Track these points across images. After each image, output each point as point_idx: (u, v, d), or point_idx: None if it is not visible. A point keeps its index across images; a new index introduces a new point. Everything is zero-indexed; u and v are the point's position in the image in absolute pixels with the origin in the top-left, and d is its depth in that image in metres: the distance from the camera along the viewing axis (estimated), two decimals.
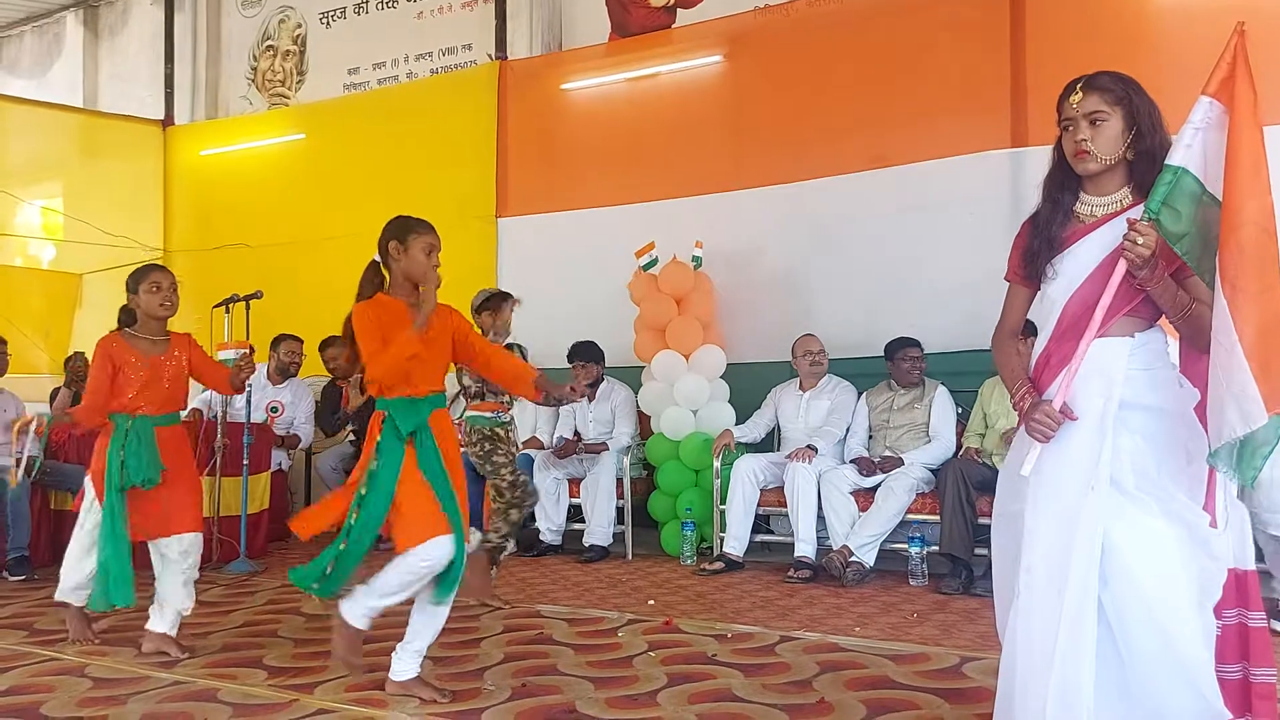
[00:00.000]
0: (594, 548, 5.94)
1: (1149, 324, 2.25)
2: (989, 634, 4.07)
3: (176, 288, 4.06)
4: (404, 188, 7.90)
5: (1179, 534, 2.14)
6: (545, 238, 7.42)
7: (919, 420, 5.58)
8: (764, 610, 4.60)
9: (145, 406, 3.95)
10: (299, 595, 5.03)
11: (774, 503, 5.62)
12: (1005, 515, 2.36)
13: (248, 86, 9.59)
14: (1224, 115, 2.08)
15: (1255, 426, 1.97)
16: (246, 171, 9.01)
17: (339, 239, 8.26)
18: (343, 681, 3.52)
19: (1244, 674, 2.26)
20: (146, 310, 4.02)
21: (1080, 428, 2.20)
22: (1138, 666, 2.13)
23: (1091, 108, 2.24)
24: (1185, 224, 2.11)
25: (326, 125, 8.67)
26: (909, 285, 6.14)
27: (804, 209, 6.55)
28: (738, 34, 6.93)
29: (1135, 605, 2.12)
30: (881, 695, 3.28)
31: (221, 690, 3.46)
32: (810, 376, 5.93)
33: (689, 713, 3.13)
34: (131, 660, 3.87)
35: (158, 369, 4.00)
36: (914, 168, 6.20)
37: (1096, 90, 2.25)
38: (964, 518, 5.02)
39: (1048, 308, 2.34)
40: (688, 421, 6.08)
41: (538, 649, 3.95)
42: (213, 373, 4.20)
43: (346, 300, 3.51)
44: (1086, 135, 2.24)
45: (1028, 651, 2.19)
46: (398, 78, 8.67)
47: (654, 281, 6.32)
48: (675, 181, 6.98)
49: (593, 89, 7.48)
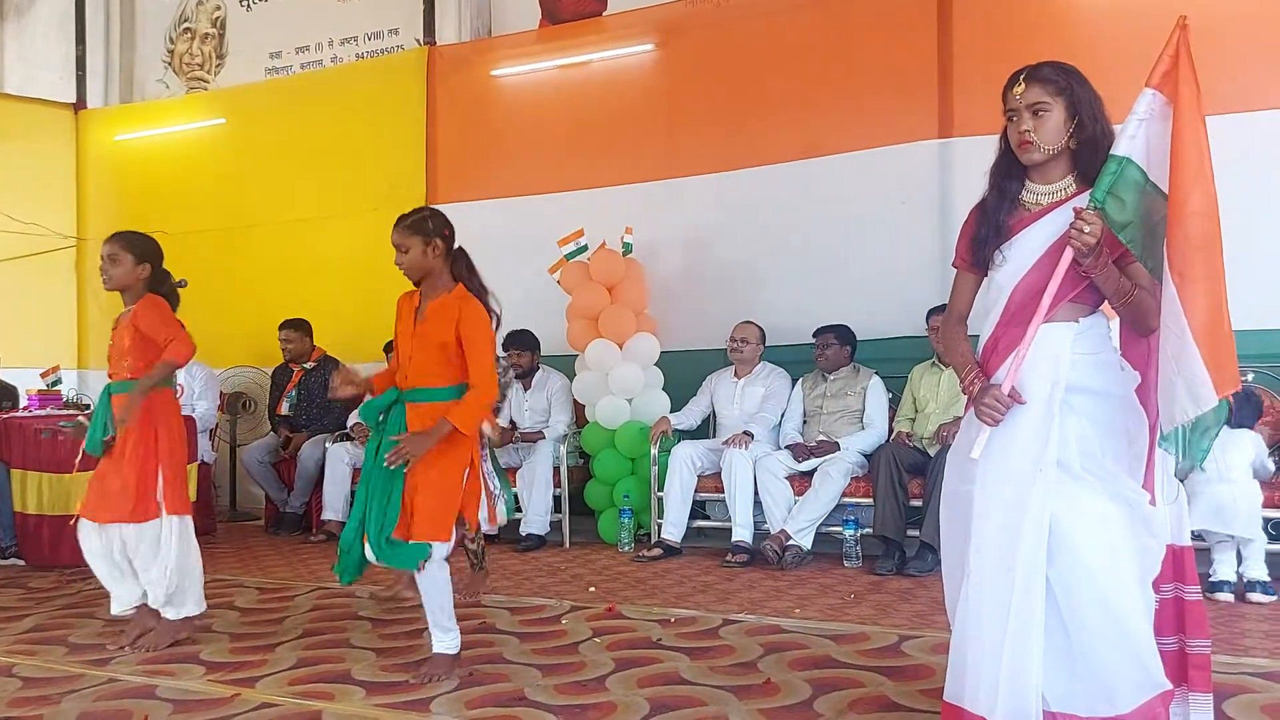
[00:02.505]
0: (531, 536, 5.93)
1: (1092, 310, 2.33)
2: (924, 612, 4.18)
3: (115, 259, 3.92)
4: (331, 174, 7.77)
5: (1122, 513, 2.23)
6: (477, 225, 7.26)
7: (853, 406, 5.67)
8: (704, 595, 4.65)
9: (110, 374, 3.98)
10: (232, 590, 4.94)
11: (711, 489, 5.67)
12: (954, 496, 2.42)
13: (164, 70, 9.30)
14: (1167, 107, 2.16)
15: (1206, 409, 2.05)
16: (164, 157, 8.74)
17: (264, 226, 8.10)
18: (285, 675, 3.48)
19: (1180, 645, 2.37)
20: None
21: (1028, 411, 2.26)
22: (1082, 639, 2.21)
23: (1034, 98, 2.30)
24: (1130, 213, 2.18)
25: (248, 110, 8.45)
26: (841, 273, 6.23)
27: (737, 197, 6.59)
28: (670, 23, 6.94)
29: (1081, 581, 2.20)
30: (825, 674, 3.34)
31: (159, 687, 3.39)
32: (742, 363, 5.99)
33: (638, 697, 3.16)
34: (62, 658, 3.76)
35: (118, 335, 3.98)
36: (844, 157, 6.28)
37: (1039, 81, 2.31)
38: (896, 500, 5.13)
39: (995, 294, 2.40)
40: (623, 410, 6.09)
41: (482, 638, 3.93)
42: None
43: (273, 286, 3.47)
44: (1029, 126, 2.30)
45: (978, 628, 2.25)
46: (322, 62, 8.48)
47: (585, 270, 6.31)
48: (608, 170, 6.98)
49: (524, 76, 7.43)
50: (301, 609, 4.53)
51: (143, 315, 3.89)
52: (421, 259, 3.43)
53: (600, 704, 3.10)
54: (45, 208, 8.71)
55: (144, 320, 3.88)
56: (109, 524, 3.88)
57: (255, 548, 6.31)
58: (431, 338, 3.40)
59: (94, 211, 9.01)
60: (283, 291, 7.66)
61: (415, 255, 3.42)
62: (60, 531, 5.57)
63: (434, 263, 3.45)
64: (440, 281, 3.48)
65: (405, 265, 3.45)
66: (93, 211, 9.02)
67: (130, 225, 4.52)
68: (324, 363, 7.02)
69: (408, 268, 3.46)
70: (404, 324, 3.51)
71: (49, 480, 5.68)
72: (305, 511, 6.79)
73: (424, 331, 3.41)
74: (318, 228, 7.72)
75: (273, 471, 6.99)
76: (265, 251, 8.03)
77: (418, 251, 3.42)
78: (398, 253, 3.45)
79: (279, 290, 7.72)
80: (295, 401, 7.03)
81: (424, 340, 3.41)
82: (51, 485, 5.68)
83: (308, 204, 7.83)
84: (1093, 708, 2.20)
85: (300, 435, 6.85)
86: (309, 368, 7.06)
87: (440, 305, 3.43)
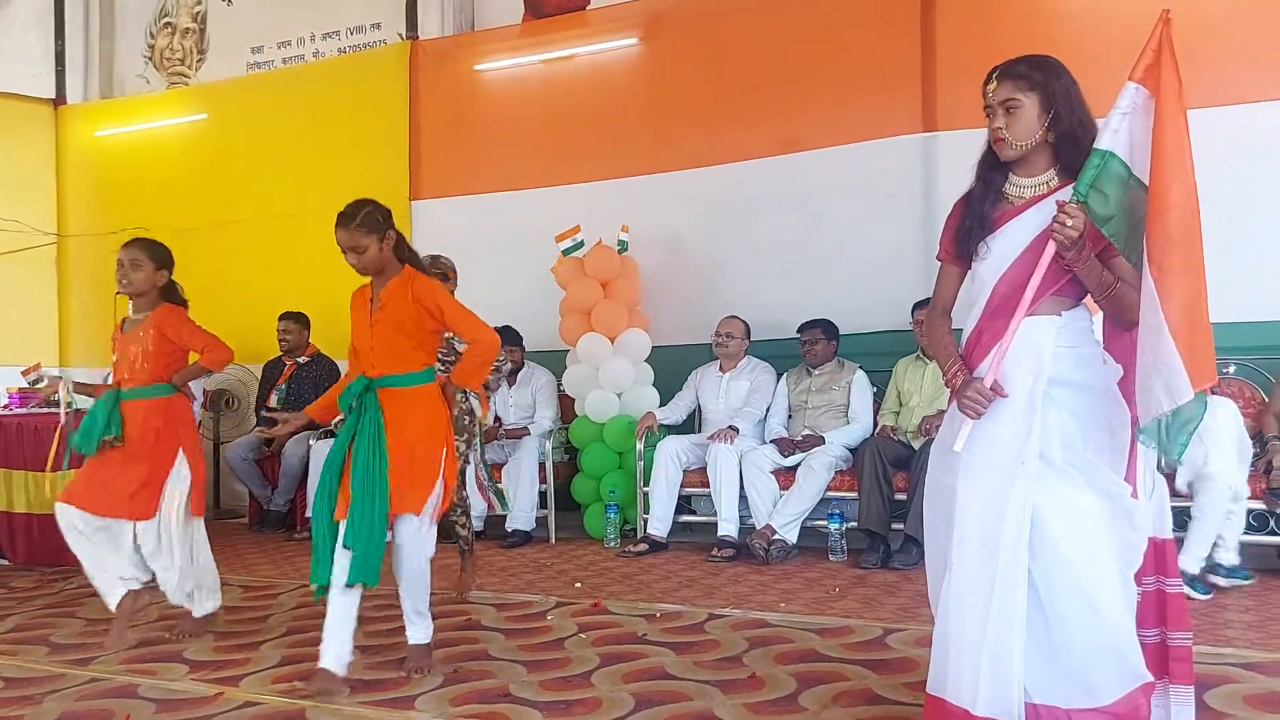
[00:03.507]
0: (517, 532, 5.92)
1: (1075, 303, 2.33)
2: (909, 606, 4.19)
3: (137, 264, 3.99)
4: (314, 170, 7.72)
5: (1104, 506, 2.23)
6: (461, 221, 7.32)
7: (837, 401, 5.68)
8: (690, 589, 4.65)
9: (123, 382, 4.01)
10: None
11: (697, 483, 5.68)
12: (937, 490, 2.42)
13: (145, 65, 9.22)
14: (1149, 101, 2.17)
15: (1182, 402, 2.06)
16: (145, 153, 8.68)
17: (245, 222, 8.06)
18: (269, 674, 3.46)
19: (1161, 638, 2.37)
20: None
21: (1011, 404, 2.27)
22: (1064, 632, 2.21)
23: (1005, 95, 2.31)
24: (1112, 207, 2.19)
25: (230, 105, 8.40)
26: (825, 267, 6.24)
27: (721, 192, 6.59)
28: (654, 16, 6.92)
29: (1063, 574, 2.20)
30: (810, 668, 3.35)
31: (142, 686, 3.37)
32: (727, 358, 6.00)
33: (623, 692, 3.15)
34: (44, 658, 3.74)
35: (124, 344, 4.03)
36: (828, 152, 6.27)
37: (1010, 78, 2.31)
38: (881, 494, 5.15)
39: (978, 287, 2.40)
40: (612, 404, 6.09)
41: (467, 635, 3.93)
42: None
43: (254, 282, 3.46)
44: (1002, 123, 2.31)
45: (960, 620, 2.26)
46: (304, 57, 8.43)
47: (580, 265, 6.30)
48: (593, 165, 6.96)
49: (507, 71, 7.40)
50: (285, 607, 4.51)
51: (171, 324, 4.02)
52: (378, 255, 3.42)
53: (585, 699, 3.10)
54: (25, 204, 8.62)
55: (173, 328, 4.01)
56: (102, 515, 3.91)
57: (239, 545, 6.28)
58: (391, 323, 3.39)
59: (74, 208, 8.94)
60: (264, 288, 7.61)
61: (373, 253, 3.41)
62: (43, 530, 5.54)
63: (388, 255, 3.45)
64: (390, 269, 3.47)
65: (362, 265, 3.43)
66: (73, 208, 8.94)
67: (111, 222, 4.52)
68: (317, 359, 7.01)
69: (364, 266, 3.43)
70: (360, 317, 3.49)
71: (32, 478, 5.64)
72: (289, 509, 6.76)
73: (383, 318, 3.40)
74: (300, 224, 7.64)
75: (256, 469, 6.96)
76: (247, 248, 7.98)
77: (374, 250, 3.41)
78: (350, 254, 3.41)
79: (261, 287, 7.68)
80: (285, 395, 7.00)
81: (385, 327, 3.40)
82: (36, 484, 5.64)
83: (290, 200, 7.77)
84: (1074, 699, 2.20)
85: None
86: (302, 362, 7.04)
87: (393, 290, 3.43)
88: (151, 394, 3.98)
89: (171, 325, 4.01)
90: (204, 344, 4.03)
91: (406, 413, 3.37)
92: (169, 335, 3.99)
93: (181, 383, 4.06)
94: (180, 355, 4.07)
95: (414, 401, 3.40)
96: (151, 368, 3.99)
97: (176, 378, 4.04)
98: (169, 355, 4.02)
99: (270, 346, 7.17)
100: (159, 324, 4.00)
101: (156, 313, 4.03)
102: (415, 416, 3.39)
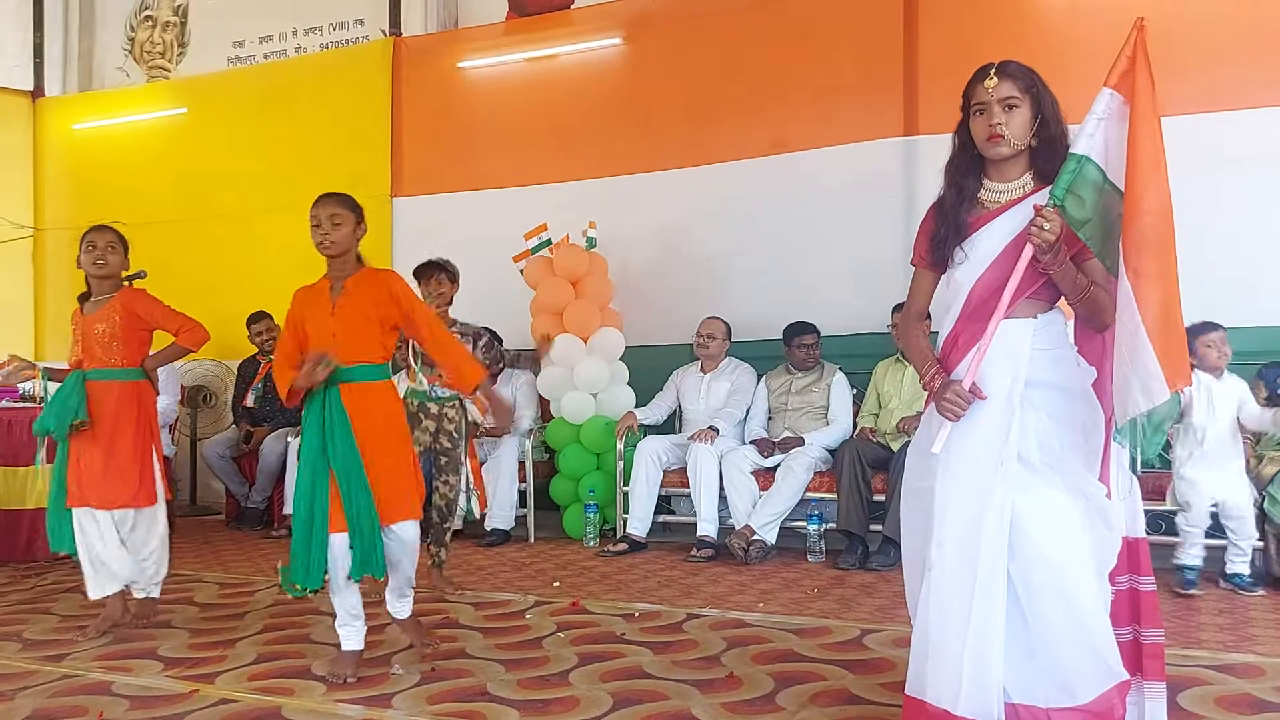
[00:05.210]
0: (496, 531, 5.91)
1: (1049, 305, 2.35)
2: (886, 607, 4.21)
3: (114, 248, 4.01)
4: (294, 165, 7.68)
5: (1080, 506, 2.26)
6: (441, 218, 7.30)
7: (817, 403, 5.70)
8: (669, 589, 4.66)
9: (85, 362, 3.99)
10: (192, 585, 4.89)
11: (676, 483, 5.69)
12: (915, 492, 2.43)
13: (124, 58, 9.16)
14: (1124, 107, 2.19)
15: (1158, 402, 2.09)
16: (124, 147, 8.63)
17: (225, 217, 8.02)
18: (245, 670, 3.45)
19: (1135, 636, 2.39)
20: (85, 270, 4.06)
21: (989, 406, 2.28)
22: (1041, 631, 2.23)
23: (1006, 93, 2.31)
24: (1088, 211, 2.21)
25: (210, 100, 8.35)
26: (806, 269, 6.26)
27: (703, 192, 6.60)
28: (637, 17, 6.93)
29: (1040, 574, 2.22)
30: (788, 668, 3.36)
31: (115, 683, 3.34)
32: (708, 359, 6.01)
33: (601, 691, 3.15)
34: (16, 654, 3.71)
35: (89, 324, 4.01)
36: (810, 154, 6.30)
37: (1010, 76, 2.32)
38: (860, 495, 5.17)
39: (954, 291, 2.41)
40: (588, 405, 6.08)
41: (445, 633, 3.91)
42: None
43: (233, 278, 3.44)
44: (1001, 120, 2.31)
45: (940, 621, 2.27)
46: (285, 52, 8.39)
47: (549, 264, 6.29)
48: (575, 164, 6.96)
49: (490, 69, 7.39)
50: (262, 604, 4.48)
51: (142, 304, 4.02)
52: (350, 236, 3.41)
53: (563, 699, 3.10)
54: (1, 197, 8.56)
55: (144, 308, 4.00)
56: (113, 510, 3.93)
57: (216, 542, 6.25)
58: (357, 309, 3.35)
59: (51, 201, 8.87)
60: (243, 283, 7.56)
61: (347, 230, 3.39)
62: (16, 526, 5.50)
63: (355, 243, 3.44)
64: (350, 263, 3.44)
65: (336, 238, 3.35)
66: (50, 201, 8.88)
67: (89, 216, 4.50)
68: None
69: (336, 240, 3.36)
70: (317, 309, 3.40)
71: (6, 474, 5.59)
72: (267, 506, 6.73)
73: (348, 304, 3.36)
74: (279, 219, 7.58)
75: (234, 466, 6.92)
76: (226, 243, 7.94)
77: (349, 227, 3.39)
78: (325, 225, 3.34)
79: (240, 282, 7.62)
80: (261, 393, 6.96)
81: (351, 314, 3.35)
82: (7, 479, 5.59)
83: (269, 195, 7.73)
84: (1053, 698, 2.22)
85: (261, 429, 6.78)
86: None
87: (360, 281, 3.40)
88: (122, 377, 3.97)
89: (143, 305, 3.99)
90: (179, 324, 4.00)
91: (373, 413, 3.35)
92: (140, 314, 3.97)
93: (154, 368, 4.07)
94: (147, 338, 4.06)
95: (376, 400, 3.38)
96: (122, 350, 3.96)
97: (149, 362, 4.03)
98: (138, 337, 4.00)
99: (248, 343, 7.13)
100: (128, 304, 3.97)
101: (123, 294, 4.01)
102: (382, 417, 3.39)
